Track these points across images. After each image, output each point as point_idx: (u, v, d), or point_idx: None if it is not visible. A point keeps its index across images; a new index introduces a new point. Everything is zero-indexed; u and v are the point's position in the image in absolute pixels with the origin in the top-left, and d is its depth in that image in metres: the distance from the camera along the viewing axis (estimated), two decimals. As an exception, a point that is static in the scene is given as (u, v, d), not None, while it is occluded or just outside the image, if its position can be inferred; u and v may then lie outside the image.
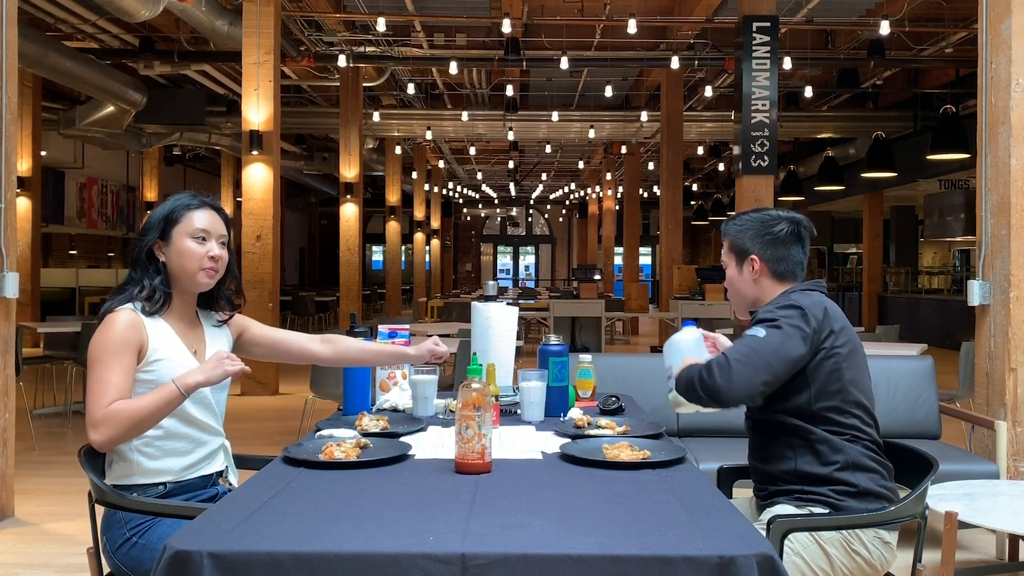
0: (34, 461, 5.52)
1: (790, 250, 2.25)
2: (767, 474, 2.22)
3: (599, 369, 2.85)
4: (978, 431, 4.26)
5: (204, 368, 2.08)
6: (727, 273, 2.34)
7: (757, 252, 2.26)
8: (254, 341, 2.40)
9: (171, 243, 2.17)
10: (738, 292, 2.31)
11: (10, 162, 4.32)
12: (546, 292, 19.08)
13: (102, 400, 2.02)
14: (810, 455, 2.13)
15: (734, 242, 2.30)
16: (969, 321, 4.36)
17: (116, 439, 2.04)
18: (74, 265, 17.32)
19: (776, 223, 2.26)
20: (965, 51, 11.35)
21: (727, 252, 2.33)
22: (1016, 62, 4.01)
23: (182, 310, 2.22)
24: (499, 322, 2.62)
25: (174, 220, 2.18)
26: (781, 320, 2.09)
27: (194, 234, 2.17)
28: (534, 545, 1.36)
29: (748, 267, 2.27)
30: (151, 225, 2.20)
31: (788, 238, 2.25)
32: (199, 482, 2.20)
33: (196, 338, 2.23)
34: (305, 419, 5.93)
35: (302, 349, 2.45)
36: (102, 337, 2.08)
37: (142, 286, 2.15)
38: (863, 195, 17.05)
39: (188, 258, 2.17)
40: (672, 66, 10.93)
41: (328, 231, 28.29)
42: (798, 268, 2.27)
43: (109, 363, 2.05)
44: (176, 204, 2.20)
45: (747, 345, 2.06)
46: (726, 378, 2.01)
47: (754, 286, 2.27)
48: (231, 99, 13.96)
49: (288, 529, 1.43)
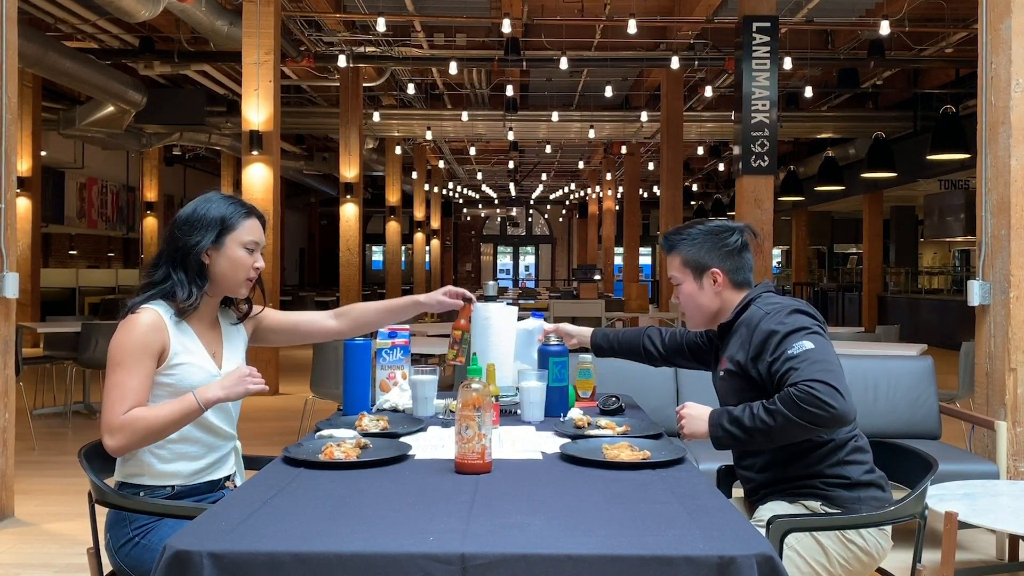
0: (34, 461, 5.52)
1: (744, 258, 2.30)
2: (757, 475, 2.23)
3: (599, 369, 2.85)
4: (978, 431, 4.25)
5: (225, 384, 2.06)
6: (682, 289, 2.32)
7: (717, 265, 2.27)
8: (270, 329, 2.40)
9: (223, 250, 2.13)
10: (699, 307, 2.31)
11: (10, 162, 4.32)
12: (546, 292, 19.08)
13: (120, 406, 2.00)
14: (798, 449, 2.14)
15: (688, 258, 2.30)
16: (969, 321, 4.36)
17: (131, 446, 2.03)
18: (74, 265, 17.32)
19: (727, 234, 2.29)
20: (965, 51, 11.35)
21: (679, 267, 2.31)
22: (1016, 62, 4.01)
23: (206, 312, 2.20)
24: (499, 322, 2.62)
25: (230, 227, 2.14)
26: (807, 324, 2.10)
27: (247, 244, 2.16)
28: (534, 545, 1.36)
29: (709, 280, 2.28)
30: (203, 226, 2.12)
31: (742, 247, 2.30)
32: (206, 487, 2.19)
33: (215, 339, 2.22)
34: (305, 419, 5.93)
35: (318, 327, 2.47)
36: (124, 339, 2.04)
37: (189, 292, 2.09)
38: (863, 195, 17.04)
39: (238, 268, 2.15)
40: (672, 66, 10.93)
41: (328, 231, 28.29)
42: (751, 273, 2.32)
43: (130, 367, 2.02)
44: (231, 210, 2.15)
45: (816, 360, 2.01)
46: (843, 398, 1.95)
47: (716, 298, 2.28)
48: (231, 99, 13.95)
49: (288, 529, 1.43)
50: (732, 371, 2.21)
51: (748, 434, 2.03)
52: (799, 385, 1.97)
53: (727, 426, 2.06)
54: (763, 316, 2.16)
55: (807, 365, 2.00)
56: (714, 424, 2.09)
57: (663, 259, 11.87)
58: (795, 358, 2.03)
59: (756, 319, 2.17)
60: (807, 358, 2.02)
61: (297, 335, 2.45)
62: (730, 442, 2.08)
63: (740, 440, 2.05)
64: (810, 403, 1.94)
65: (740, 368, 2.18)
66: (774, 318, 2.14)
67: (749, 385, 2.17)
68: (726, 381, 2.25)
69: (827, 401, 1.94)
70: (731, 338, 2.25)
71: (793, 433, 2.01)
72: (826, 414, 1.94)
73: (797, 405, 1.96)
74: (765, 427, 2.00)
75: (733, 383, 2.22)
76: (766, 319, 2.14)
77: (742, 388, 2.19)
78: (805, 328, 2.09)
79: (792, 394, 1.97)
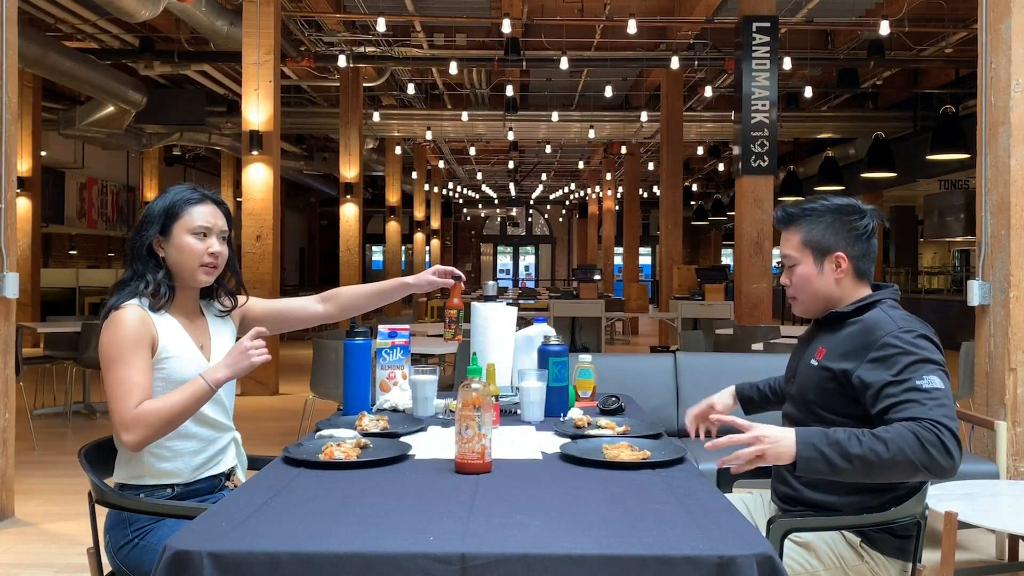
0: (34, 461, 5.52)
1: (871, 245, 2.09)
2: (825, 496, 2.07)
3: (599, 369, 2.85)
4: (978, 431, 4.26)
5: (228, 361, 2.07)
6: (797, 271, 2.10)
7: (844, 249, 2.07)
8: (257, 318, 2.39)
9: (171, 239, 2.13)
10: (816, 293, 2.10)
11: (10, 162, 4.32)
12: (546, 292, 19.08)
13: (129, 401, 1.99)
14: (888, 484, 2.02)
15: (811, 237, 2.08)
16: (969, 321, 4.36)
17: (149, 439, 2.02)
18: (74, 265, 17.32)
19: (858, 216, 2.07)
20: (965, 51, 11.35)
21: (798, 246, 2.10)
22: (1016, 62, 4.01)
23: (185, 304, 2.20)
24: (499, 322, 2.62)
25: (175, 215, 2.13)
26: (938, 360, 1.93)
27: (195, 230, 2.14)
28: (534, 545, 1.36)
29: (831, 265, 2.07)
30: (150, 218, 2.14)
31: (871, 233, 2.08)
32: (206, 487, 2.19)
33: (201, 332, 2.22)
34: (305, 419, 5.93)
35: (307, 312, 2.46)
36: (115, 335, 2.04)
37: (146, 281, 2.11)
38: (863, 195, 17.01)
39: (188, 255, 2.13)
40: (672, 66, 10.93)
41: (328, 231, 28.29)
42: (872, 264, 2.11)
43: (129, 361, 2.02)
44: (176, 198, 2.15)
45: (945, 403, 1.85)
46: (960, 452, 1.82)
47: (835, 286, 2.08)
48: (231, 99, 13.96)
49: (288, 529, 1.43)
50: (830, 367, 2.03)
51: (848, 461, 1.80)
52: (925, 423, 1.80)
53: (823, 448, 1.81)
54: (892, 328, 1.96)
55: (936, 405, 1.83)
56: (805, 443, 1.82)
57: (663, 259, 11.69)
58: (923, 392, 1.85)
59: (881, 326, 1.97)
60: (937, 398, 1.84)
61: (286, 321, 2.44)
62: (822, 468, 1.82)
63: (834, 467, 1.81)
64: (935, 446, 1.78)
65: (840, 368, 2.00)
66: (904, 336, 1.94)
67: (840, 389, 2.01)
68: (815, 372, 2.07)
69: (951, 451, 1.79)
70: (841, 331, 2.06)
71: (897, 473, 1.83)
72: (945, 463, 1.79)
73: (920, 444, 1.79)
74: (874, 457, 1.79)
75: (824, 379, 2.04)
76: (895, 332, 1.95)
77: (830, 388, 2.03)
78: (936, 363, 1.92)
79: (916, 431, 1.80)
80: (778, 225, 2.18)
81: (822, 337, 2.13)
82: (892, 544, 2.03)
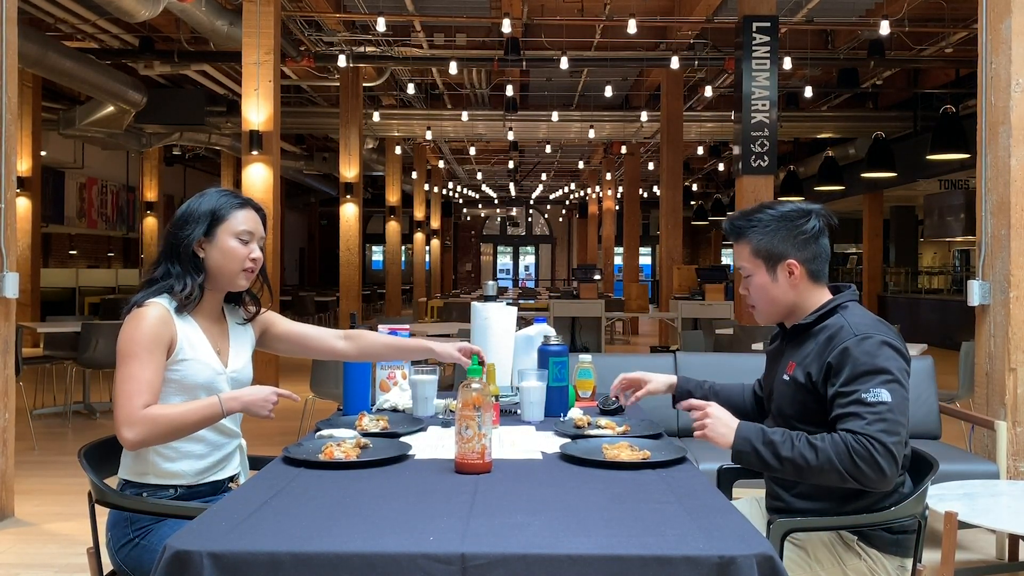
0: (34, 461, 5.52)
1: (821, 245, 2.08)
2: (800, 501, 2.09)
3: (599, 369, 2.85)
4: (978, 431, 4.25)
5: (248, 399, 2.07)
6: (753, 281, 2.11)
7: (794, 255, 2.07)
8: (279, 337, 2.38)
9: (215, 241, 2.12)
10: (773, 300, 2.11)
11: (10, 162, 4.32)
12: (546, 292, 19.08)
13: (137, 399, 1.98)
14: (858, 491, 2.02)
15: (760, 247, 2.08)
16: (969, 321, 4.36)
17: (149, 442, 2.01)
18: (74, 265, 17.32)
19: (804, 219, 2.07)
20: (965, 51, 11.36)
21: (749, 258, 2.10)
22: (1016, 62, 4.01)
23: (210, 307, 2.19)
24: (498, 322, 2.63)
25: (221, 218, 2.13)
26: (892, 369, 1.92)
27: (239, 235, 2.13)
28: (534, 545, 1.36)
29: (784, 272, 2.08)
30: (194, 219, 2.12)
31: (818, 233, 2.08)
32: (209, 489, 2.19)
33: (221, 336, 2.21)
34: (305, 419, 5.93)
35: (325, 345, 2.44)
36: (134, 331, 2.03)
37: (185, 284, 2.09)
38: (863, 195, 17.05)
39: (231, 259, 2.13)
40: (672, 66, 10.94)
41: (328, 231, 28.29)
42: (826, 264, 2.11)
43: (143, 359, 2.01)
44: (223, 201, 2.15)
45: (887, 418, 1.87)
46: (895, 466, 1.86)
47: (791, 292, 2.09)
48: (231, 99, 13.96)
49: (288, 529, 1.43)
50: (799, 381, 2.04)
51: (779, 461, 1.91)
52: (859, 437, 1.86)
53: (758, 445, 1.93)
54: (851, 336, 1.96)
55: (875, 420, 1.87)
56: (742, 438, 1.95)
57: (663, 259, 11.72)
58: (866, 405, 1.88)
59: (842, 335, 1.98)
60: (879, 412, 1.87)
61: (304, 348, 2.42)
62: (753, 462, 1.95)
63: (766, 464, 1.93)
64: (864, 460, 1.84)
65: (810, 381, 2.02)
66: (860, 346, 1.94)
67: (815, 400, 2.02)
68: (788, 387, 2.08)
69: (881, 465, 1.84)
70: (806, 343, 2.07)
71: (827, 479, 1.89)
72: (874, 476, 1.85)
73: (849, 456, 1.85)
74: (803, 462, 1.88)
75: (796, 393, 2.06)
76: (854, 342, 1.95)
77: (805, 401, 2.04)
78: (889, 374, 1.91)
79: (847, 442, 1.86)
80: (728, 236, 2.18)
81: (789, 352, 2.14)
82: (888, 540, 2.03)
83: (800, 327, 2.10)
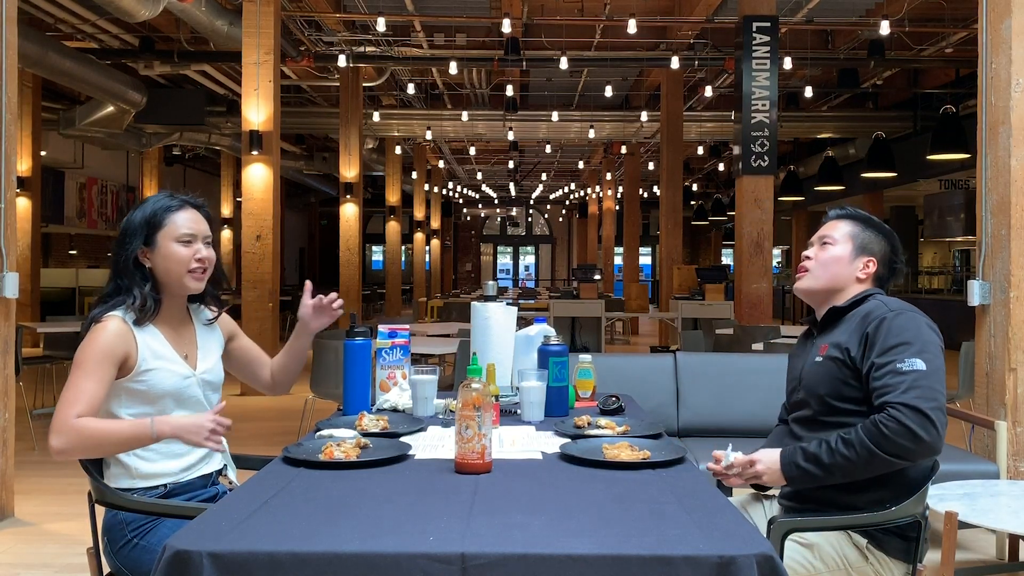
0: (34, 461, 5.51)
1: (891, 281, 2.24)
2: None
3: (599, 369, 2.85)
4: (978, 431, 4.25)
5: (183, 424, 2.01)
6: (831, 250, 2.20)
7: (879, 259, 2.21)
8: (234, 354, 2.39)
9: (156, 248, 2.13)
10: (834, 275, 2.19)
11: (10, 162, 4.32)
12: (546, 292, 19.08)
13: (72, 408, 1.97)
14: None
15: (858, 234, 2.20)
16: (969, 321, 4.36)
17: (71, 453, 1.98)
18: (74, 265, 17.32)
19: (900, 257, 2.26)
20: (965, 51, 11.36)
21: (845, 236, 2.21)
22: (1016, 62, 4.01)
23: (172, 312, 2.20)
24: (499, 322, 2.62)
25: (158, 224, 2.13)
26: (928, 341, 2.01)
27: (180, 238, 2.13)
28: (534, 545, 1.36)
29: (862, 262, 2.20)
30: (132, 230, 2.13)
31: (898, 274, 2.25)
32: (199, 482, 2.19)
33: (187, 340, 2.22)
34: (305, 419, 5.93)
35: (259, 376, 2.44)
36: (87, 344, 2.05)
37: (133, 296, 2.10)
38: (863, 195, 17.04)
39: (175, 262, 2.13)
40: (672, 66, 10.94)
41: (328, 231, 28.29)
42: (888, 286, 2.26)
43: (88, 371, 2.01)
44: (156, 207, 2.14)
45: (918, 383, 1.93)
46: (934, 428, 1.89)
47: (851, 279, 2.19)
48: (231, 99, 13.96)
49: (288, 529, 1.43)
50: (836, 358, 2.09)
51: (827, 471, 1.96)
52: (887, 411, 1.91)
53: (803, 464, 1.99)
54: (883, 311, 2.06)
55: (908, 388, 1.92)
56: (787, 463, 2.01)
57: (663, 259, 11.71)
58: (901, 374, 1.94)
59: (879, 311, 2.07)
60: (912, 380, 1.93)
61: (245, 371, 2.42)
62: (807, 481, 1.99)
63: (818, 478, 1.98)
64: (895, 432, 1.87)
65: (848, 356, 2.07)
66: (899, 319, 2.03)
67: (853, 376, 2.07)
68: (822, 367, 2.13)
69: (914, 431, 1.87)
70: (839, 325, 2.15)
71: (876, 467, 1.93)
72: (912, 445, 1.87)
73: (881, 434, 1.89)
74: (845, 462, 1.93)
75: (831, 370, 2.10)
76: (891, 316, 2.04)
77: (841, 377, 2.08)
78: (923, 345, 1.99)
79: (875, 422, 1.91)
80: (832, 214, 2.27)
81: (820, 339, 2.21)
82: (899, 546, 2.04)
83: (837, 310, 2.18)
